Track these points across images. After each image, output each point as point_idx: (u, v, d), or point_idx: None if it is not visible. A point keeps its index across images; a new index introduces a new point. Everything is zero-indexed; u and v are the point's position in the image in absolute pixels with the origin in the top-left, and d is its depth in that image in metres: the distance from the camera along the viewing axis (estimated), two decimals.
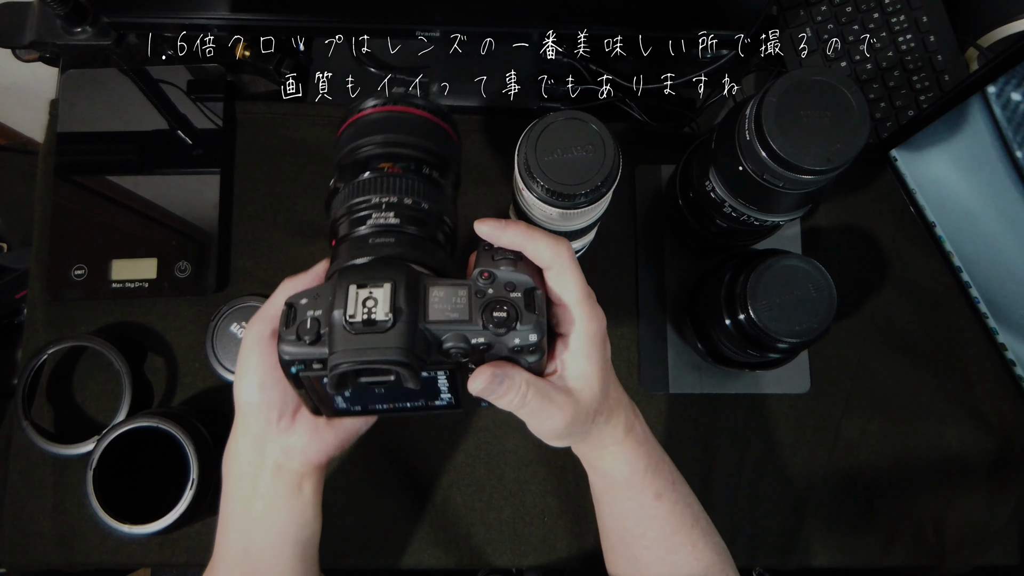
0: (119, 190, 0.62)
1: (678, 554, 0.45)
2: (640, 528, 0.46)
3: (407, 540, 0.60)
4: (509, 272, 0.37)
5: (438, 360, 0.36)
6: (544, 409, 0.39)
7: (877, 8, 0.65)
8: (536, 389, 0.38)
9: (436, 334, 0.35)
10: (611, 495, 0.46)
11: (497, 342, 0.36)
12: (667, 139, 0.67)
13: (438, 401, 0.40)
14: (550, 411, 0.39)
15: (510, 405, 0.38)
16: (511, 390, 0.37)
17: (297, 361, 0.35)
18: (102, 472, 0.54)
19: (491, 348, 0.36)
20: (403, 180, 0.41)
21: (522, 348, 0.36)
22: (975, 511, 0.62)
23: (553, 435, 0.41)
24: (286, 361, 0.35)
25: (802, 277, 0.50)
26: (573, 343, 0.40)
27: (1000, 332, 0.59)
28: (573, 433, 0.41)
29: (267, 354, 0.40)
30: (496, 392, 0.37)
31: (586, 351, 0.40)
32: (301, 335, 0.35)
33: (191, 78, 0.65)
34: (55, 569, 0.59)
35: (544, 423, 0.40)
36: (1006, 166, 0.52)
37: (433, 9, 0.60)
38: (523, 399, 0.38)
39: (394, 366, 0.33)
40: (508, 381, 0.37)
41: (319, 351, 0.35)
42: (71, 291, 0.60)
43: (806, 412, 0.63)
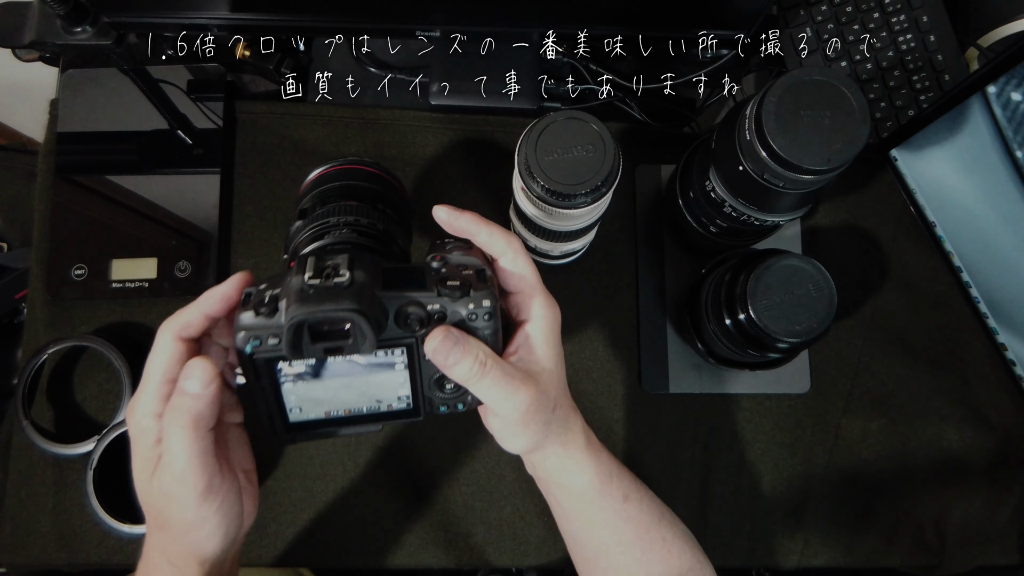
0: (119, 190, 0.62)
1: (652, 551, 0.45)
2: (614, 535, 0.45)
3: (407, 540, 0.60)
4: (460, 256, 0.40)
5: (394, 336, 0.36)
6: (505, 384, 0.38)
7: (877, 8, 0.65)
8: (496, 362, 0.38)
9: (392, 302, 0.36)
10: (582, 509, 0.44)
11: (452, 309, 0.37)
12: (667, 139, 0.67)
13: (395, 404, 0.39)
14: (512, 387, 0.38)
15: (468, 374, 0.37)
16: (467, 354, 0.37)
17: (253, 336, 0.34)
18: (102, 472, 0.54)
19: (446, 317, 0.37)
20: (360, 208, 0.44)
21: (477, 315, 0.37)
22: (975, 511, 0.62)
23: (515, 422, 0.39)
24: (241, 338, 0.34)
25: (802, 277, 0.50)
26: (532, 329, 0.40)
27: (1000, 332, 0.59)
28: (534, 422, 0.39)
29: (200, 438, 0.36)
30: (452, 355, 0.36)
31: (545, 336, 0.40)
32: (258, 309, 0.34)
33: (191, 78, 0.65)
34: (55, 569, 0.59)
35: (506, 402, 0.38)
36: (1006, 166, 0.52)
37: (433, 9, 0.60)
38: (482, 368, 0.37)
39: (351, 313, 0.33)
40: (463, 344, 0.37)
41: (275, 322, 0.34)
42: (71, 291, 0.60)
43: (806, 412, 0.63)
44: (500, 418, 0.39)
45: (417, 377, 0.38)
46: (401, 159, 0.65)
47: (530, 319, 0.40)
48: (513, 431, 0.40)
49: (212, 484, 0.36)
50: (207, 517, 0.36)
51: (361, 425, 0.39)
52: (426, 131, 0.66)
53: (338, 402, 0.38)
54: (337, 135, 0.65)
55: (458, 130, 0.66)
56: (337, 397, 0.38)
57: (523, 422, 0.39)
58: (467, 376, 0.37)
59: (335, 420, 0.39)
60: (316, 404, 0.38)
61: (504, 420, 0.39)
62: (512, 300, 0.41)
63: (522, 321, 0.41)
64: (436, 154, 0.65)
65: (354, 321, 0.34)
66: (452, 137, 0.66)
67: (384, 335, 0.36)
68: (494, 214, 0.62)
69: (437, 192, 0.65)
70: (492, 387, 0.38)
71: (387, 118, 0.66)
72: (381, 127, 0.66)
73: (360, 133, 0.65)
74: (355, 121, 0.65)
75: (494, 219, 0.41)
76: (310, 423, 0.38)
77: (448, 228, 0.41)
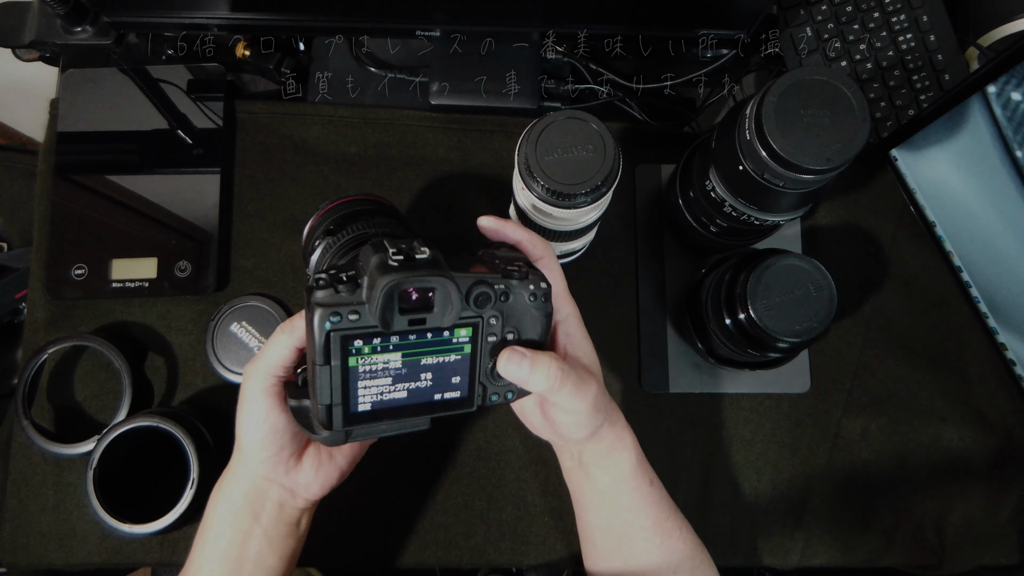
0: (119, 190, 0.62)
1: (670, 538, 0.47)
2: (639, 520, 0.46)
3: (407, 540, 0.60)
4: (509, 252, 0.43)
5: (465, 315, 0.38)
6: (579, 383, 0.40)
7: (877, 8, 0.65)
8: (566, 363, 0.40)
9: (463, 281, 0.38)
10: (616, 492, 0.46)
11: (516, 290, 0.39)
12: (667, 139, 0.67)
13: (449, 394, 0.40)
14: (585, 385, 0.41)
15: (548, 380, 0.39)
16: (540, 364, 0.39)
17: (332, 312, 0.35)
18: (102, 472, 0.54)
19: (509, 298, 0.39)
20: (390, 224, 0.48)
21: (537, 296, 0.40)
22: (975, 511, 0.62)
23: (586, 414, 0.41)
24: (319, 315, 0.35)
25: (802, 277, 0.50)
26: (569, 327, 0.44)
27: (1000, 332, 0.59)
28: (600, 410, 0.42)
29: (273, 403, 0.41)
30: (523, 366, 0.39)
31: (582, 331, 0.44)
32: (336, 287, 0.35)
33: (191, 78, 0.64)
34: (55, 569, 0.59)
35: (581, 400, 0.41)
36: (1006, 166, 0.52)
37: (433, 9, 0.60)
38: (560, 372, 0.39)
39: (442, 279, 0.35)
40: (536, 357, 0.39)
41: (355, 297, 0.35)
42: (71, 291, 0.60)
43: (806, 412, 0.63)
44: (571, 413, 0.42)
45: (477, 361, 0.40)
46: (401, 159, 0.65)
47: (564, 319, 0.43)
48: (584, 421, 0.42)
49: (276, 430, 0.41)
50: (266, 445, 0.42)
51: (413, 418, 0.40)
52: (426, 131, 0.66)
53: (397, 390, 0.39)
54: (337, 135, 0.65)
55: (458, 130, 0.66)
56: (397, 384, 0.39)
57: (594, 412, 0.42)
58: (549, 384, 0.40)
59: (392, 409, 0.39)
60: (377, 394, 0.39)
61: (576, 415, 0.42)
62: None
63: (556, 321, 0.44)
64: (436, 154, 0.65)
65: (443, 288, 0.35)
66: (452, 137, 0.66)
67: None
68: (494, 214, 0.62)
69: (437, 192, 0.65)
70: (570, 387, 0.40)
71: (387, 118, 0.66)
72: (381, 127, 0.66)
73: (360, 133, 0.65)
74: (355, 121, 0.66)
75: None
76: (368, 414, 0.39)
77: (494, 235, 0.44)
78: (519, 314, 0.40)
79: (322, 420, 0.38)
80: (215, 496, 0.44)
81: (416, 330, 0.37)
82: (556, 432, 0.44)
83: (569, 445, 0.46)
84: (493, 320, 0.39)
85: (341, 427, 0.38)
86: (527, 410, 0.46)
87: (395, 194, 0.64)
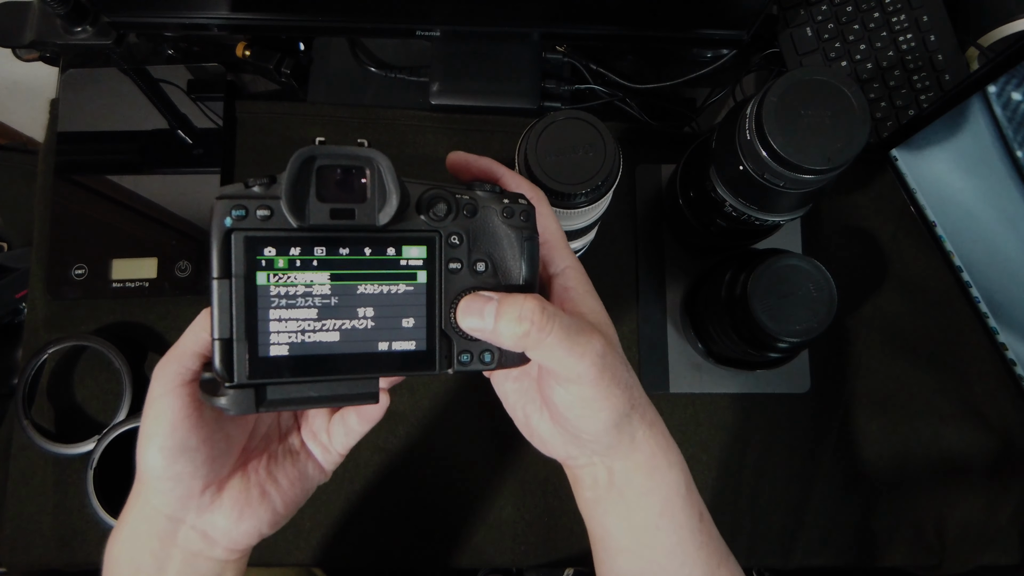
0: (119, 190, 0.62)
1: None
2: (687, 568, 0.35)
3: (407, 540, 0.60)
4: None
5: (415, 227, 0.30)
6: (576, 334, 0.30)
7: (877, 8, 0.65)
8: (556, 308, 0.30)
9: (415, 188, 0.30)
10: (656, 528, 0.34)
11: (483, 205, 0.31)
12: (667, 139, 0.67)
13: (400, 344, 0.30)
14: (584, 337, 0.30)
15: (522, 324, 0.29)
16: (511, 305, 0.29)
17: (236, 205, 0.27)
18: (102, 472, 0.54)
19: (476, 213, 0.31)
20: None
21: (513, 212, 0.31)
22: (975, 511, 0.62)
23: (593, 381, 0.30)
24: (219, 207, 0.27)
25: (802, 277, 0.50)
26: (567, 281, 0.34)
27: (1000, 332, 0.59)
28: (615, 382, 0.31)
29: (184, 404, 0.31)
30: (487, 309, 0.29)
31: (585, 286, 0.35)
32: (248, 182, 0.28)
33: (191, 78, 0.65)
34: (55, 569, 0.59)
35: (579, 358, 0.30)
36: (1006, 165, 0.52)
37: (433, 9, 0.60)
38: (542, 312, 0.29)
39: (376, 155, 0.28)
40: (506, 298, 0.29)
41: (271, 192, 0.28)
42: (71, 291, 0.60)
43: (806, 412, 0.63)
44: (574, 383, 0.31)
45: (437, 296, 0.30)
46: (401, 159, 0.65)
47: (561, 271, 0.35)
48: (594, 396, 0.31)
49: (185, 447, 0.31)
50: (171, 475, 0.32)
51: (353, 379, 0.30)
52: (426, 131, 0.66)
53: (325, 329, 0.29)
54: (337, 135, 0.65)
55: (458, 130, 0.66)
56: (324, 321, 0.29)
57: (602, 379, 0.31)
58: (523, 330, 0.29)
59: (320, 359, 0.29)
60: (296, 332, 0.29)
61: (580, 386, 0.31)
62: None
63: (552, 275, 0.35)
64: (436, 154, 0.65)
65: (377, 168, 0.28)
66: (452, 137, 0.66)
67: (402, 223, 0.29)
68: None
69: None
70: (559, 340, 0.29)
71: (387, 118, 0.66)
72: (381, 127, 0.66)
73: (360, 133, 0.65)
74: (355, 121, 0.65)
75: None
76: (286, 363, 0.28)
77: (467, 172, 0.35)
78: (491, 239, 0.31)
79: (218, 368, 0.28)
80: (110, 545, 0.35)
81: (342, 228, 0.28)
82: (568, 431, 0.33)
83: (591, 456, 0.34)
84: (455, 239, 0.30)
85: (246, 377, 0.28)
86: (530, 414, 0.36)
87: None
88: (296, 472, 0.37)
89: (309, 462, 0.38)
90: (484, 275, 0.31)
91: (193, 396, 0.31)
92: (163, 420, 0.31)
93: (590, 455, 0.34)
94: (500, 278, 0.32)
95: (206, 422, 0.32)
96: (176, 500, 0.32)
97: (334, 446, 0.38)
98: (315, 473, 0.38)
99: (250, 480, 0.35)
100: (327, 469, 0.39)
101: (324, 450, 0.38)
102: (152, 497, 0.33)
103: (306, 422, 0.38)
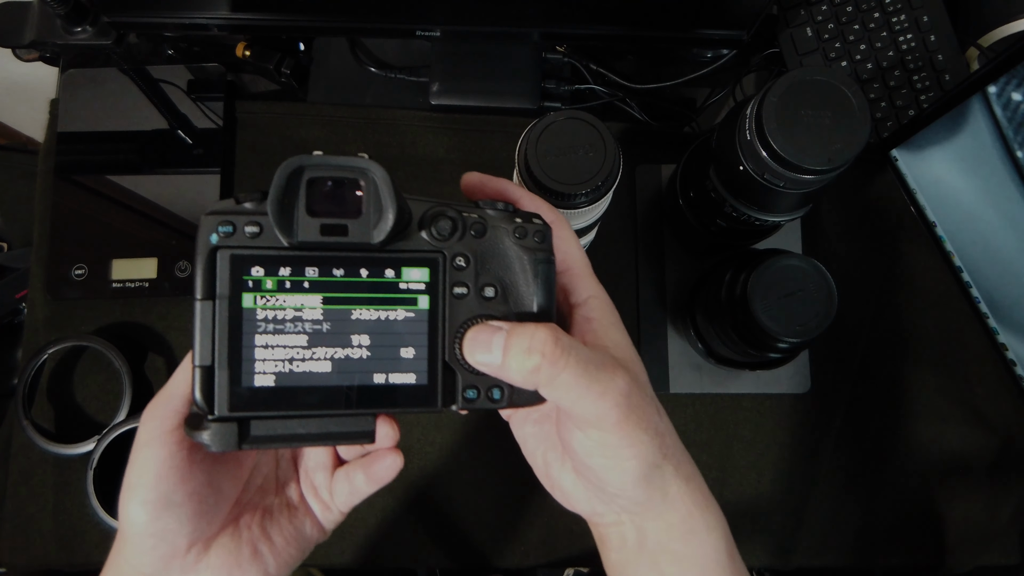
0: (119, 190, 0.62)
1: None
2: None
3: (407, 540, 0.60)
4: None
5: (417, 247, 0.27)
6: (595, 370, 0.26)
7: (878, 8, 0.65)
8: (572, 340, 0.27)
9: (418, 205, 0.28)
10: None
11: (493, 225, 0.28)
12: (667, 139, 0.67)
13: (398, 376, 0.27)
14: (606, 372, 0.27)
15: (532, 357, 0.26)
16: (520, 335, 0.26)
17: (224, 220, 0.26)
18: (102, 472, 0.54)
19: (484, 233, 0.28)
20: None
21: (527, 232, 0.28)
22: (975, 511, 0.62)
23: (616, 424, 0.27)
24: (205, 223, 0.26)
25: (802, 277, 0.50)
26: (590, 311, 0.31)
27: (1001, 332, 0.59)
28: (642, 427, 0.28)
29: (170, 454, 0.28)
30: (495, 340, 0.26)
31: (610, 318, 0.31)
32: (239, 197, 0.27)
33: (191, 78, 0.65)
34: (55, 569, 0.59)
35: (599, 397, 0.27)
36: (1007, 166, 0.52)
37: (433, 9, 0.60)
38: (555, 344, 0.26)
39: (371, 165, 0.26)
40: (516, 327, 0.26)
41: (261, 208, 0.26)
42: (71, 291, 0.60)
43: (806, 412, 0.63)
44: (594, 427, 0.27)
45: (440, 325, 0.28)
46: (401, 159, 0.65)
47: (583, 301, 0.32)
48: (617, 442, 0.27)
49: (169, 501, 0.28)
50: (153, 532, 0.29)
51: (345, 415, 0.27)
52: (426, 131, 0.66)
53: (316, 358, 0.27)
54: (337, 135, 0.65)
55: (458, 130, 0.66)
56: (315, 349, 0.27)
57: (627, 422, 0.27)
58: (533, 364, 0.26)
59: (308, 391, 0.26)
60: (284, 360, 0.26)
61: (601, 430, 0.27)
62: (558, 281, 0.32)
63: (573, 305, 0.32)
64: (436, 154, 0.65)
65: (372, 179, 0.26)
66: (452, 137, 0.66)
67: (403, 243, 0.27)
68: None
69: (437, 192, 0.65)
70: (575, 376, 0.26)
71: (387, 118, 0.66)
72: (381, 127, 0.66)
73: (360, 133, 0.65)
74: (355, 121, 0.65)
75: None
76: (271, 395, 0.26)
77: (481, 193, 0.33)
78: (502, 261, 0.28)
79: (197, 399, 0.26)
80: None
81: (335, 246, 0.26)
82: (592, 482, 0.30)
83: (619, 513, 0.31)
84: (461, 261, 0.28)
85: (227, 410, 0.26)
86: (550, 462, 0.33)
87: None
88: (292, 530, 0.34)
89: (307, 519, 0.35)
90: (493, 301, 0.29)
91: (181, 444, 0.29)
92: (147, 471, 0.28)
93: (618, 512, 0.31)
94: (511, 305, 0.29)
95: (195, 473, 0.29)
96: (158, 559, 0.29)
97: (336, 504, 0.35)
98: (312, 532, 0.36)
99: (241, 537, 0.32)
100: (326, 528, 0.36)
101: (324, 507, 0.36)
102: (132, 556, 0.29)
103: (306, 475, 0.36)
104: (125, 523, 0.29)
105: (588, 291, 0.32)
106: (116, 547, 0.31)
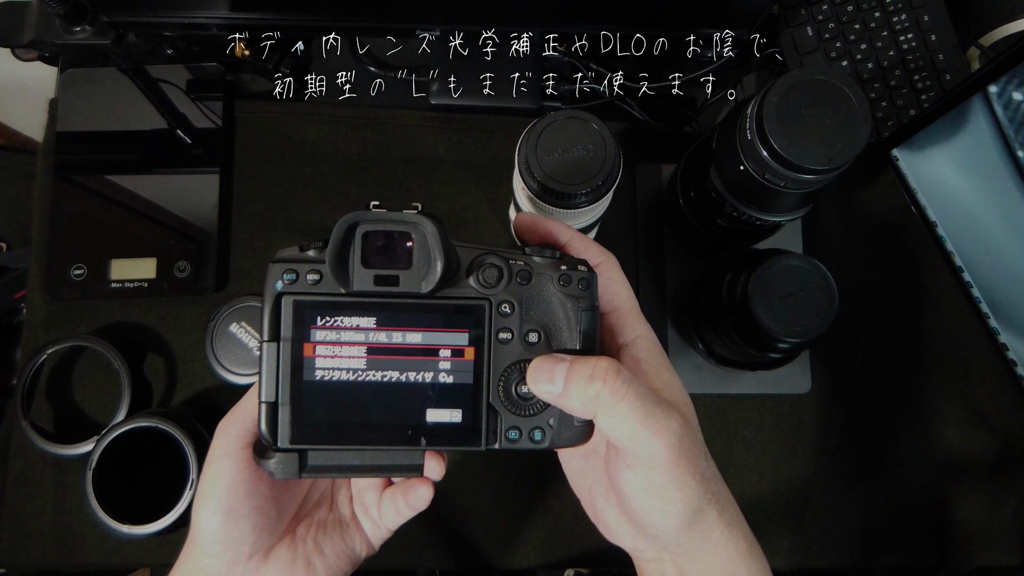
0: (119, 190, 0.62)
1: None
2: None
3: (407, 540, 0.59)
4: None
5: (464, 293, 0.29)
6: (652, 408, 0.27)
7: (878, 7, 0.65)
8: (632, 376, 0.28)
9: (466, 252, 0.29)
10: None
11: (539, 272, 0.30)
12: (667, 139, 0.67)
13: (440, 414, 0.30)
14: (662, 411, 0.27)
15: (591, 388, 0.27)
16: (582, 367, 0.27)
17: (288, 269, 0.28)
18: (102, 472, 0.54)
19: (529, 280, 0.30)
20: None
21: (571, 279, 0.30)
22: (975, 511, 0.62)
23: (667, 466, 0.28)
24: (272, 271, 0.29)
25: (802, 277, 0.50)
26: (639, 352, 0.32)
27: (1001, 332, 0.59)
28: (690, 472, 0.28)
29: (241, 469, 0.31)
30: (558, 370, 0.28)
31: (660, 359, 0.32)
32: (303, 245, 0.29)
33: (191, 77, 0.64)
34: (55, 569, 0.59)
35: (654, 436, 0.27)
36: (1008, 166, 0.52)
37: (433, 8, 0.59)
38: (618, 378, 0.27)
39: (423, 219, 0.27)
40: (578, 359, 0.28)
41: (322, 256, 0.28)
42: (70, 291, 0.60)
43: (807, 413, 0.63)
44: (645, 467, 0.28)
45: (485, 369, 0.30)
46: (401, 159, 0.65)
47: (631, 342, 0.32)
48: (666, 484, 0.28)
49: (236, 513, 0.32)
50: (221, 539, 0.32)
51: (393, 448, 0.30)
52: (426, 131, 0.66)
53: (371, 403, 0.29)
54: (337, 135, 0.65)
55: (458, 130, 0.66)
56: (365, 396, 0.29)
57: (678, 465, 0.28)
58: (593, 392, 0.27)
59: (360, 427, 0.29)
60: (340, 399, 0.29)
61: (651, 471, 0.28)
62: (605, 321, 0.33)
63: (620, 346, 0.33)
64: (436, 154, 0.65)
65: (423, 234, 0.27)
66: (452, 137, 0.66)
67: (452, 289, 0.29)
68: (494, 214, 0.62)
69: (437, 192, 0.65)
70: (633, 409, 0.27)
71: (387, 118, 0.66)
72: (381, 127, 0.65)
73: (360, 133, 0.65)
74: (355, 121, 0.65)
75: (494, 219, 0.41)
76: (327, 429, 0.29)
77: (533, 234, 0.34)
78: (546, 308, 0.30)
79: (263, 431, 0.29)
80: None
81: (386, 294, 0.28)
82: (635, 523, 0.31)
83: (660, 551, 0.32)
84: (506, 308, 0.30)
85: (289, 442, 0.29)
86: (596, 496, 0.33)
87: (395, 194, 0.64)
88: (343, 545, 0.37)
89: (357, 535, 0.38)
90: (537, 346, 0.30)
91: (249, 461, 0.32)
92: (219, 482, 0.31)
93: (659, 550, 0.32)
94: (554, 350, 0.30)
95: (260, 490, 0.32)
96: (223, 564, 0.33)
97: (384, 522, 0.38)
98: (362, 548, 0.38)
99: (297, 550, 0.35)
100: (375, 544, 0.39)
101: (374, 525, 0.38)
102: (200, 558, 0.33)
103: (357, 494, 0.39)
104: (197, 528, 0.32)
105: (635, 331, 0.33)
106: (186, 549, 0.34)
